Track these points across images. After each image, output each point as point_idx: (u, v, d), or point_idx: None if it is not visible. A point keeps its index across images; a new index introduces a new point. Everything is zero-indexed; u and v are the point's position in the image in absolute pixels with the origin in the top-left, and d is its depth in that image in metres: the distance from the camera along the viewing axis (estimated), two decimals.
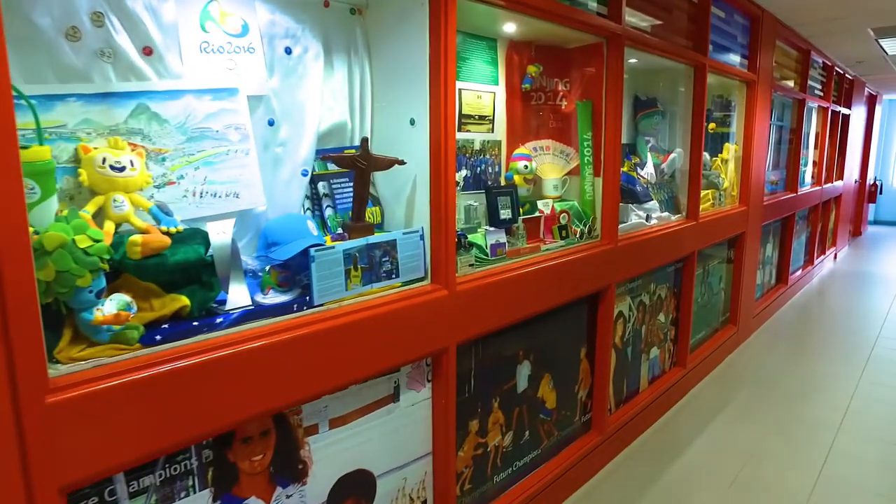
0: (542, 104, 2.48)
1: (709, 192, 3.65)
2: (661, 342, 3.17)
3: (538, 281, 2.05)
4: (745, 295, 4.21)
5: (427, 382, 1.76)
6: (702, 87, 3.16)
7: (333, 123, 1.74)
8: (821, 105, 6.02)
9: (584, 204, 2.44)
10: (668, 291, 3.17)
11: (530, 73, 2.34)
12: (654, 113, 3.17)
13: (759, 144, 4.13)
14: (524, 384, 2.16)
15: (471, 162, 2.22)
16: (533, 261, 2.06)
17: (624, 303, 2.72)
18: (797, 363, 3.91)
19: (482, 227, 2.05)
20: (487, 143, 2.28)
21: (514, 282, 1.93)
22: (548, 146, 2.45)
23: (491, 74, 2.25)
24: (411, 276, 1.66)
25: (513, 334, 2.06)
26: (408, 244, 1.64)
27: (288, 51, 1.61)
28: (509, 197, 2.23)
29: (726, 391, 3.45)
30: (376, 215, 1.80)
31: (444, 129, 1.62)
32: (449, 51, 1.61)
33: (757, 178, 4.17)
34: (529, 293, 2.01)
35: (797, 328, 4.72)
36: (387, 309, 1.54)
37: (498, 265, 1.93)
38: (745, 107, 3.99)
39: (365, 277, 1.55)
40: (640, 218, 2.81)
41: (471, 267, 1.83)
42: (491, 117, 2.27)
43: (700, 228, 3.29)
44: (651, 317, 3.01)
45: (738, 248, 4.07)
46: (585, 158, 2.40)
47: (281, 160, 1.61)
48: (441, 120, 1.61)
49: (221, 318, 1.29)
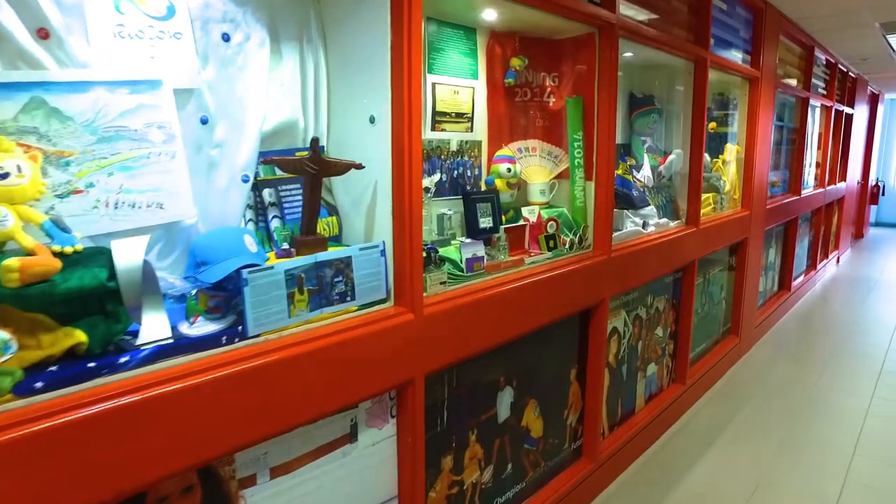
0: (529, 101, 2.26)
1: (709, 196, 3.43)
2: (658, 358, 2.95)
3: (521, 298, 1.82)
4: (748, 304, 4.00)
5: (391, 418, 1.54)
6: (702, 83, 2.94)
7: (282, 122, 1.52)
8: (824, 104, 5.81)
9: (574, 211, 2.22)
10: (666, 303, 2.95)
11: (514, 67, 2.12)
12: (650, 111, 2.96)
13: (762, 145, 3.91)
14: (506, 413, 1.93)
15: (447, 165, 2.00)
16: (516, 276, 1.84)
17: (618, 318, 2.50)
18: (803, 377, 3.69)
19: (457, 238, 1.83)
20: (466, 143, 2.06)
21: (494, 301, 1.71)
22: (534, 147, 2.23)
23: (469, 68, 2.03)
24: (370, 297, 1.44)
25: (492, 359, 1.84)
26: (365, 261, 1.42)
27: (226, 37, 1.39)
28: (490, 203, 2.01)
29: (728, 408, 3.24)
30: (333, 227, 1.58)
31: (407, 128, 1.40)
32: (413, 38, 1.39)
33: (760, 180, 3.96)
34: (511, 313, 1.79)
35: (801, 338, 4.51)
36: (340, 338, 1.32)
37: (474, 282, 1.71)
38: (747, 105, 3.78)
39: (313, 301, 1.33)
40: (636, 225, 2.60)
41: (442, 285, 1.61)
42: (469, 115, 2.05)
43: (701, 235, 3.07)
44: (648, 331, 2.80)
45: (740, 255, 3.85)
46: (576, 160, 2.18)
47: (216, 164, 1.39)
48: (405, 118, 1.39)
49: (127, 356, 1.07)
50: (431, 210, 1.78)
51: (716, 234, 3.31)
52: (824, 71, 5.70)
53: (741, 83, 3.77)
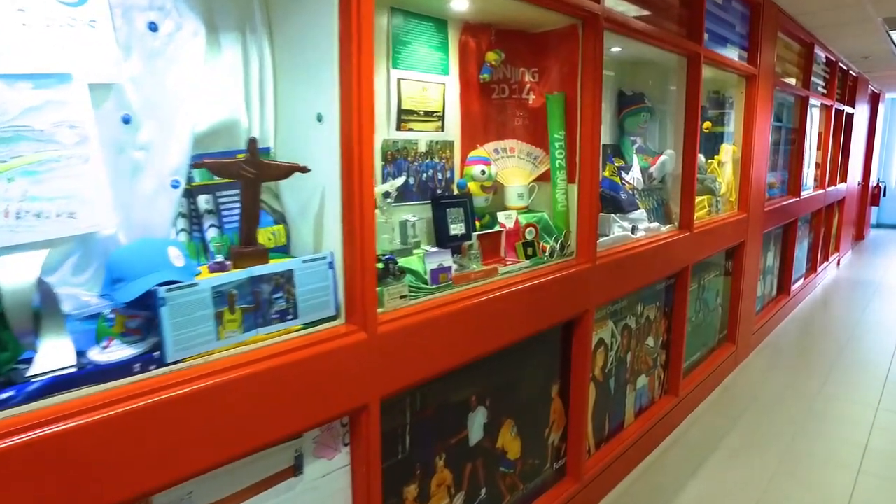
0: (507, 98, 2.12)
1: (704, 199, 3.28)
2: (649, 369, 2.80)
3: (495, 311, 1.68)
4: (745, 310, 3.85)
5: (343, 447, 1.39)
6: (696, 79, 2.80)
7: (221, 121, 1.38)
8: (824, 103, 5.66)
9: (555, 216, 2.07)
10: (657, 312, 2.80)
11: (490, 62, 1.98)
12: (640, 110, 2.81)
13: (760, 145, 3.77)
14: (478, 435, 1.79)
15: (414, 167, 1.85)
16: (488, 287, 1.69)
17: (605, 328, 2.36)
18: (803, 386, 3.54)
19: (422, 247, 1.68)
20: (436, 143, 1.91)
21: (462, 315, 1.57)
22: (512, 147, 2.08)
23: (440, 62, 1.89)
24: (317, 315, 1.30)
25: (463, 377, 1.70)
26: (310, 275, 1.27)
27: (153, 27, 1.24)
28: (462, 209, 1.87)
29: (724, 421, 3.09)
30: (279, 236, 1.43)
31: (357, 127, 1.25)
32: (363, 26, 1.24)
33: (757, 181, 3.81)
34: (483, 327, 1.65)
35: (801, 345, 4.35)
36: (279, 361, 1.18)
37: (440, 295, 1.56)
38: (744, 104, 3.63)
39: (247, 321, 1.18)
40: (624, 230, 2.45)
41: (403, 300, 1.46)
42: (440, 113, 1.91)
43: (695, 240, 2.92)
44: (638, 342, 2.65)
45: (737, 259, 3.70)
46: (557, 162, 2.03)
47: (141, 168, 1.24)
48: (353, 115, 1.25)
49: (13, 390, 0.92)
50: (393, 217, 1.63)
51: (710, 239, 3.16)
52: (824, 69, 5.55)
53: (738, 81, 3.62)
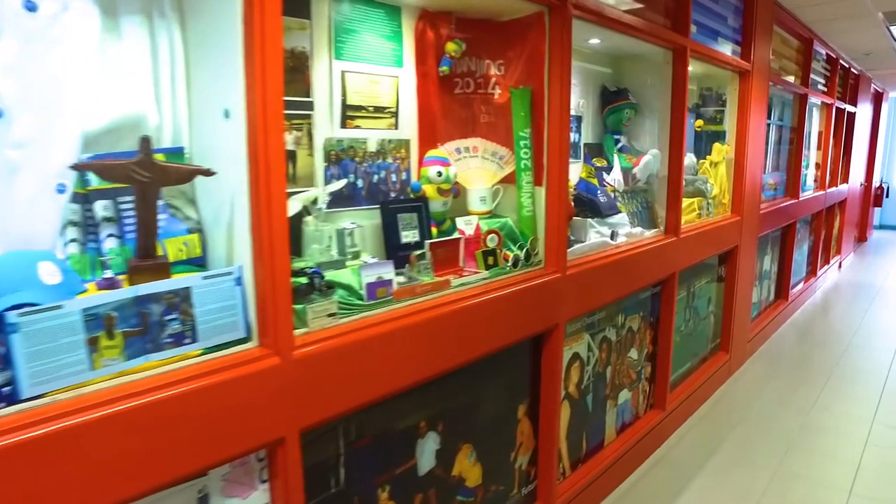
0: (471, 93, 1.95)
1: (694, 201, 3.11)
2: (633, 383, 2.63)
3: (445, 329, 1.52)
4: (739, 317, 3.67)
5: (260, 483, 1.23)
6: (682, 74, 2.62)
7: (124, 117, 1.21)
8: (824, 101, 5.48)
9: (521, 221, 1.90)
10: (641, 322, 2.63)
11: (449, 53, 1.81)
12: (624, 106, 2.64)
13: (754, 144, 3.59)
14: (430, 462, 1.62)
15: (363, 168, 1.69)
16: (438, 301, 1.53)
17: (580, 342, 2.19)
18: (798, 397, 3.36)
19: (363, 257, 1.52)
20: (389, 143, 1.75)
21: (405, 333, 1.40)
22: (475, 147, 1.92)
23: (392, 53, 1.72)
24: (222, 338, 1.14)
25: (409, 401, 1.53)
26: (212, 293, 1.11)
27: (30, 5, 1.08)
28: (416, 214, 1.71)
29: (714, 435, 2.91)
30: (193, 247, 1.27)
31: (262, 124, 1.09)
32: (267, 8, 1.08)
33: (752, 182, 3.63)
34: (431, 347, 1.48)
35: (798, 353, 4.17)
36: (172, 392, 1.02)
37: (378, 312, 1.40)
38: (737, 101, 3.45)
39: (132, 347, 1.02)
40: (602, 235, 2.28)
41: (331, 318, 1.30)
42: (394, 109, 1.74)
43: (682, 245, 2.75)
44: (619, 355, 2.48)
45: (730, 265, 3.53)
46: (522, 162, 1.86)
47: (17, 169, 1.08)
48: (259, 110, 1.09)
49: None
50: (326, 225, 1.46)
51: (700, 243, 2.99)
52: (824, 66, 5.37)
53: (731, 77, 3.45)
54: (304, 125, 1.52)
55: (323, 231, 1.43)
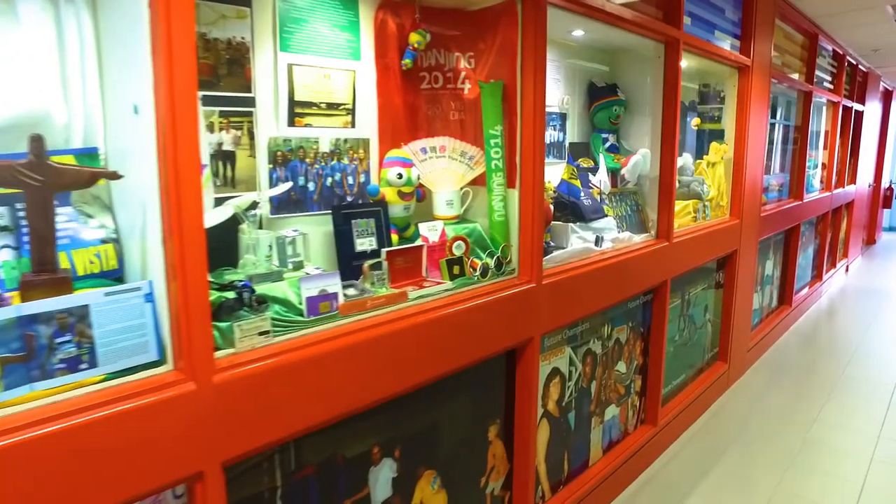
0: (439, 89, 1.81)
1: (689, 204, 2.96)
2: (621, 398, 2.48)
3: (400, 346, 1.37)
4: (739, 325, 3.51)
5: None
6: (674, 69, 2.47)
7: (23, 114, 1.08)
8: (830, 100, 5.29)
9: (492, 227, 1.76)
10: (630, 333, 2.48)
11: (413, 45, 1.67)
12: (612, 103, 2.49)
13: (755, 144, 3.43)
14: (385, 492, 1.48)
15: (315, 170, 1.55)
16: (393, 316, 1.39)
17: (560, 356, 2.04)
18: (800, 411, 3.20)
19: (306, 268, 1.38)
20: (345, 142, 1.61)
21: (352, 352, 1.27)
22: (443, 146, 1.77)
23: (348, 45, 1.58)
24: (129, 361, 1.00)
25: (359, 425, 1.39)
26: (117, 311, 0.97)
27: None
28: (373, 219, 1.57)
29: (710, 452, 2.76)
30: (107, 258, 1.14)
31: (172, 121, 0.95)
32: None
33: (752, 184, 3.47)
34: (383, 366, 1.34)
35: (802, 362, 4.00)
36: (64, 423, 0.88)
37: (321, 329, 1.26)
38: (736, 98, 3.29)
39: (14, 374, 0.89)
40: (585, 241, 2.13)
41: (263, 337, 1.16)
42: (350, 106, 1.60)
43: (675, 250, 2.60)
44: (606, 368, 2.33)
45: (729, 270, 3.37)
46: (493, 163, 1.72)
47: None
48: (168, 105, 0.95)
49: None
50: (265, 233, 1.32)
51: (695, 248, 2.83)
52: (830, 63, 5.18)
53: (730, 73, 3.28)
54: (245, 123, 1.39)
55: (260, 240, 1.29)
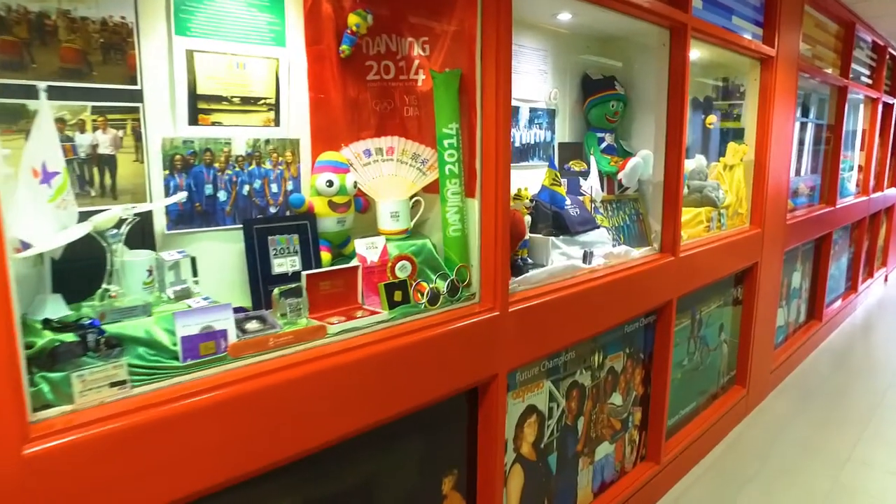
0: (391, 80, 1.55)
1: (702, 211, 2.63)
2: (616, 433, 2.18)
3: (309, 394, 1.12)
4: (760, 345, 3.16)
5: None
6: (681, 59, 2.16)
7: None
8: (869, 95, 4.85)
9: (446, 243, 1.48)
10: (628, 360, 2.18)
11: (351, 28, 1.41)
12: (608, 98, 2.19)
13: (779, 144, 3.07)
14: None
15: (226, 177, 1.30)
16: (306, 356, 1.13)
17: (538, 392, 1.76)
18: (829, 445, 2.84)
19: (193, 296, 1.13)
20: (266, 143, 1.36)
21: (236, 405, 1.01)
22: (390, 147, 1.51)
23: (269, 28, 1.33)
24: None
25: (256, 490, 1.14)
26: None
27: None
28: (297, 235, 1.31)
29: (720, 494, 2.43)
30: None
31: None
32: None
33: (777, 188, 3.11)
34: (281, 420, 1.09)
35: (832, 385, 3.61)
36: None
37: (200, 376, 1.01)
38: (758, 93, 2.94)
39: None
40: (570, 258, 1.84)
41: (117, 389, 0.92)
42: (272, 101, 1.35)
43: (683, 265, 2.28)
44: (596, 402, 2.03)
45: (748, 285, 3.02)
46: (447, 167, 1.45)
47: None
48: None
49: None
50: (138, 257, 1.08)
51: (708, 262, 2.51)
52: (869, 55, 4.74)
53: (751, 65, 2.94)
54: (128, 121, 1.15)
55: (127, 264, 1.04)
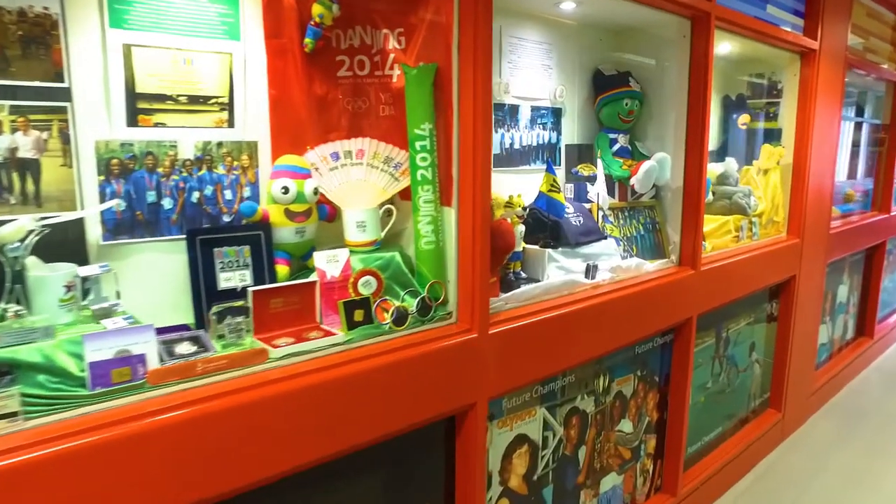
0: (365, 76, 1.42)
1: (730, 220, 2.40)
2: (625, 463, 1.98)
3: (240, 426, 1.00)
4: (798, 364, 2.88)
5: None
6: (703, 52, 1.95)
7: None
8: None
9: (418, 257, 1.34)
10: (639, 383, 1.98)
11: (315, 20, 1.29)
12: (621, 95, 2.00)
13: (822, 145, 2.79)
14: None
15: (171, 183, 1.20)
16: (241, 384, 1.01)
17: (529, 419, 1.59)
18: (879, 474, 2.55)
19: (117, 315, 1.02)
20: (219, 146, 1.25)
21: (153, 440, 0.90)
22: (360, 150, 1.38)
23: (221, 20, 1.22)
24: None
25: None
26: None
27: None
28: (249, 247, 1.20)
29: None
30: None
31: None
32: None
33: (818, 195, 2.84)
34: (209, 457, 0.97)
35: (884, 410, 3.27)
36: None
37: (111, 406, 0.90)
38: (797, 90, 2.68)
39: None
40: (569, 272, 1.67)
41: (6, 422, 0.81)
42: (225, 100, 1.24)
43: (704, 280, 2.07)
44: (601, 429, 1.85)
45: (784, 300, 2.76)
46: (419, 172, 1.30)
47: None
48: None
49: None
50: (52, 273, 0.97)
51: (734, 276, 2.28)
52: None
53: (789, 60, 2.68)
54: (54, 122, 1.05)
55: (32, 279, 0.94)
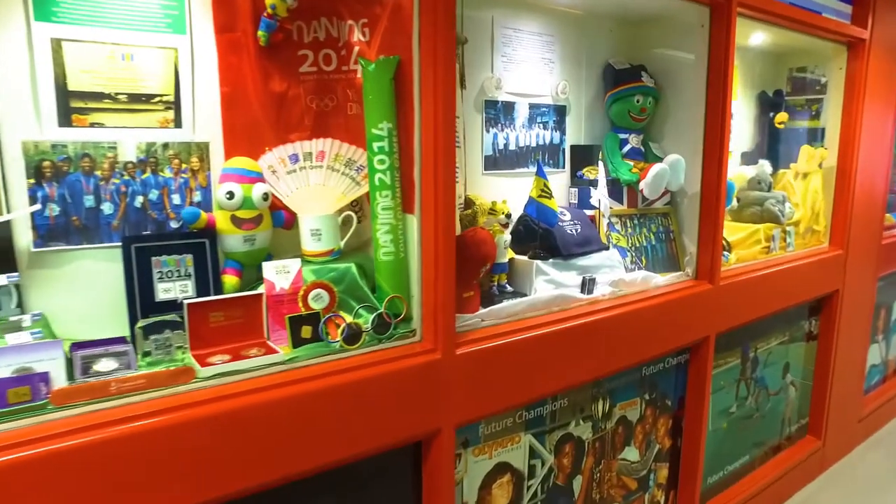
0: (331, 72, 1.31)
1: (760, 229, 2.18)
2: (630, 494, 1.80)
3: (159, 452, 0.91)
4: (842, 388, 2.60)
5: None
6: (724, 43, 1.75)
7: None
8: None
9: (378, 269, 1.22)
10: (647, 407, 1.80)
11: (268, 10, 1.19)
12: (633, 91, 1.83)
13: (872, 147, 2.52)
14: None
15: (111, 187, 1.12)
16: (159, 406, 0.92)
17: (513, 446, 1.45)
18: None
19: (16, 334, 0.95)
20: (164, 148, 1.17)
21: (46, 468, 0.82)
22: (321, 152, 1.27)
23: (164, 12, 1.14)
24: None
25: None
26: None
27: None
28: (191, 256, 1.12)
29: None
30: None
31: None
32: None
33: (868, 201, 2.56)
34: (118, 482, 0.88)
35: None
36: None
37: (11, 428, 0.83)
38: (843, 85, 2.42)
39: None
40: (561, 286, 1.51)
41: None
42: (170, 98, 1.16)
43: (723, 295, 1.87)
44: (601, 457, 1.68)
45: (826, 317, 2.50)
46: (377, 176, 1.18)
47: None
48: None
49: None
50: None
51: (760, 291, 2.06)
52: None
53: (834, 51, 2.42)
54: None
55: None
